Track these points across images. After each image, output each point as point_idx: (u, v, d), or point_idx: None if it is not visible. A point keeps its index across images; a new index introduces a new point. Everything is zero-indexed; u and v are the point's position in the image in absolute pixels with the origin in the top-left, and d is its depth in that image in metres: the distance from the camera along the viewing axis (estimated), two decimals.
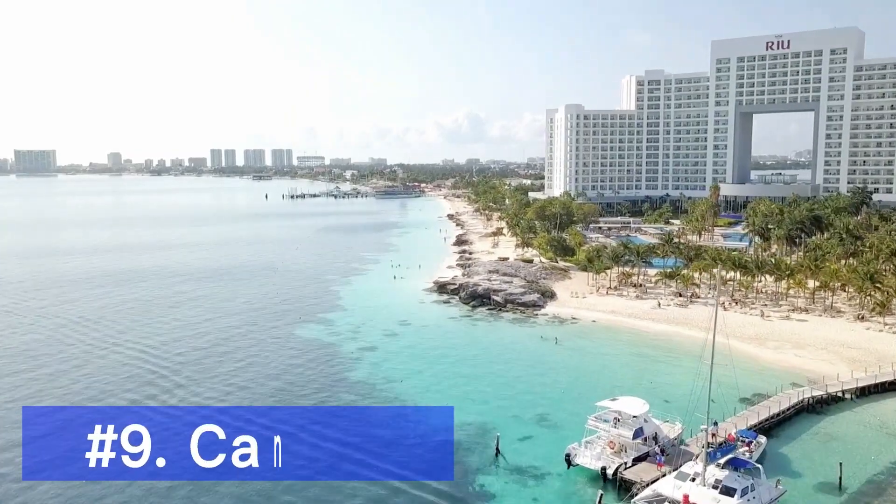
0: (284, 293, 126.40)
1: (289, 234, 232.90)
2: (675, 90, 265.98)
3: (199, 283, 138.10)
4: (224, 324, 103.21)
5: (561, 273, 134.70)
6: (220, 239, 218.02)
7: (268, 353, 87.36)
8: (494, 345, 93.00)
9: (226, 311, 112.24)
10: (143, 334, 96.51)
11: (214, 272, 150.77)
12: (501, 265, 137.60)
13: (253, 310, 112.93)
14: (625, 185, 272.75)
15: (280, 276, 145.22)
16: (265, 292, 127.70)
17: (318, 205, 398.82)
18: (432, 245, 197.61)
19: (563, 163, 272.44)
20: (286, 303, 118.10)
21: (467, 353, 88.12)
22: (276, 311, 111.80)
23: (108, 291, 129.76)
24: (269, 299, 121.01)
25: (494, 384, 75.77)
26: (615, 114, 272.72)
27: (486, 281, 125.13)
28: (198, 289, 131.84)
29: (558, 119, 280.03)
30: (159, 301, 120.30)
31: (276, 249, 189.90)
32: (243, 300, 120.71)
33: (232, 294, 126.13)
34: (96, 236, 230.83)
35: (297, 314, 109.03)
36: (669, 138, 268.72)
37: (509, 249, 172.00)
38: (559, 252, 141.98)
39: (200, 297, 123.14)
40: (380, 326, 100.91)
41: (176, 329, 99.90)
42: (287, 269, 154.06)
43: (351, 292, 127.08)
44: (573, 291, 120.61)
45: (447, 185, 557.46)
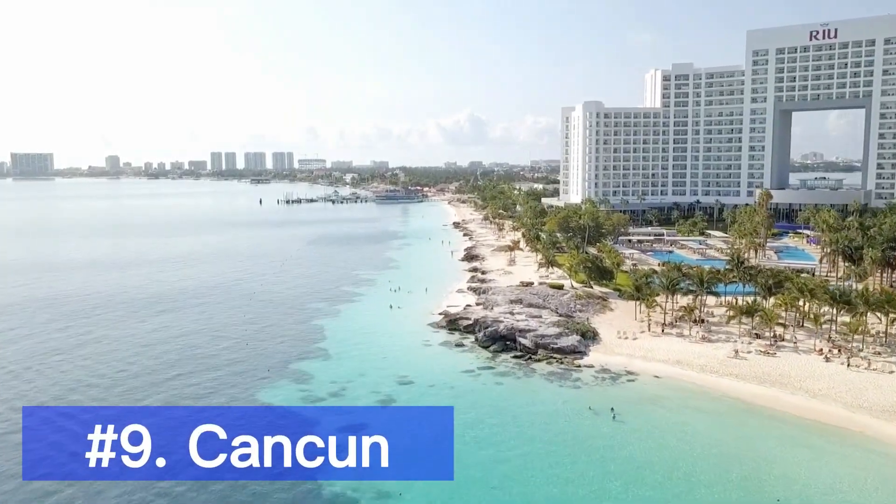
0: (255, 331, 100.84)
1: (277, 246, 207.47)
2: (705, 85, 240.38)
3: (147, 315, 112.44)
4: (149, 384, 77.76)
5: (599, 303, 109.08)
6: (196, 252, 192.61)
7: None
8: (527, 419, 67.43)
9: (165, 362, 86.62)
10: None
11: (174, 299, 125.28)
12: (525, 292, 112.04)
13: (206, 357, 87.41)
14: (649, 190, 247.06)
15: (255, 304, 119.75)
16: (230, 329, 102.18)
17: (315, 211, 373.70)
18: (438, 260, 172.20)
19: (582, 166, 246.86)
20: (254, 346, 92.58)
21: (492, 435, 62.68)
22: (239, 360, 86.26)
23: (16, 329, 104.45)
24: (232, 340, 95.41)
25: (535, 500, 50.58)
26: (638, 112, 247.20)
27: (508, 315, 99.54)
28: (139, 324, 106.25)
29: (575, 118, 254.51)
30: (65, 343, 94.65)
31: (258, 266, 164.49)
32: (197, 343, 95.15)
33: (184, 334, 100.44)
34: (56, 247, 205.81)
35: (266, 366, 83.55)
36: (699, 139, 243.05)
37: (529, 267, 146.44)
38: (594, 275, 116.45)
39: (130, 339, 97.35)
40: (371, 387, 75.53)
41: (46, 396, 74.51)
42: (266, 294, 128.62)
43: (338, 329, 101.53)
44: (620, 331, 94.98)
45: (451, 189, 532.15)
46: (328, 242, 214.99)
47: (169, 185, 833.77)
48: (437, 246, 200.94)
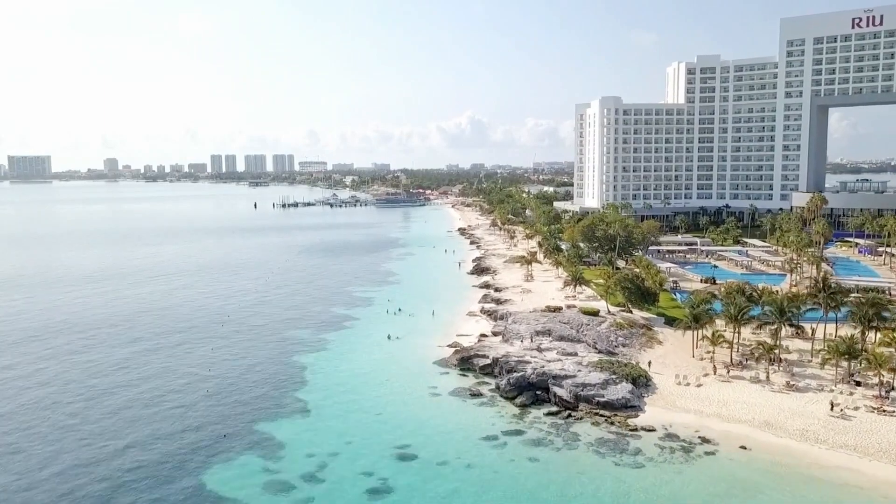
0: (219, 373, 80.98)
1: (265, 256, 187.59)
2: (733, 79, 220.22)
3: (96, 351, 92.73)
4: (68, 453, 58.12)
5: (645, 333, 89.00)
6: (173, 264, 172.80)
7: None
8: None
9: (95, 430, 66.97)
10: None
11: (131, 327, 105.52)
12: (553, 321, 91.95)
13: (149, 417, 67.59)
14: (672, 193, 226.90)
15: (227, 334, 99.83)
16: (189, 372, 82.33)
17: (311, 215, 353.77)
18: (443, 274, 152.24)
19: (599, 167, 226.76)
20: (214, 396, 72.66)
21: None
22: (191, 419, 66.36)
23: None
24: (187, 389, 75.48)
25: None
26: (660, 108, 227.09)
27: (535, 353, 79.56)
28: (82, 366, 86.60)
29: (591, 115, 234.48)
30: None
31: (239, 282, 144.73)
32: (143, 397, 75.34)
33: (130, 382, 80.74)
34: (27, 258, 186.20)
35: (224, 428, 63.68)
36: (727, 137, 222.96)
37: (550, 284, 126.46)
38: (634, 297, 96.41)
39: (68, 390, 77.80)
40: (361, 465, 55.64)
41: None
42: (241, 319, 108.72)
43: (322, 370, 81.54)
44: (679, 374, 74.80)
45: (454, 191, 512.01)
46: (322, 252, 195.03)
47: (166, 188, 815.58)
48: (443, 256, 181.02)
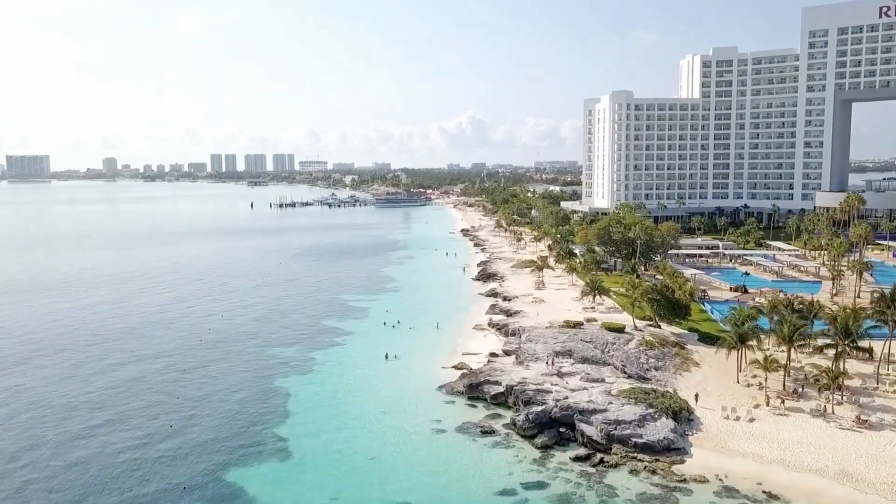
0: (188, 401, 69.82)
1: (255, 260, 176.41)
2: (751, 72, 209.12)
3: (56, 371, 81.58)
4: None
5: (678, 353, 77.71)
6: (159, 269, 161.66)
7: None
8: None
9: (38, 480, 55.83)
10: None
11: (102, 341, 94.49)
12: (574, 338, 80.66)
13: (92, 449, 56.45)
14: (686, 193, 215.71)
15: (203, 350, 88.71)
16: (156, 399, 71.17)
17: (308, 216, 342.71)
18: (447, 280, 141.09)
19: (609, 165, 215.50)
20: (179, 432, 61.50)
21: None
22: (149, 465, 55.16)
23: None
24: (150, 420, 64.31)
25: None
26: (674, 103, 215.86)
27: (555, 380, 68.37)
28: (40, 390, 75.46)
29: (600, 111, 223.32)
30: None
31: (225, 290, 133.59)
32: (100, 430, 64.21)
33: (91, 411, 69.59)
34: (2, 261, 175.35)
35: (185, 473, 52.55)
36: (744, 133, 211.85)
37: (564, 293, 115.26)
38: (664, 311, 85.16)
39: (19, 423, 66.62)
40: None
41: None
42: (222, 333, 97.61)
43: (307, 400, 70.30)
44: (727, 406, 63.49)
45: (456, 191, 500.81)
46: (316, 255, 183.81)
47: (164, 187, 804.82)
48: (445, 260, 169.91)
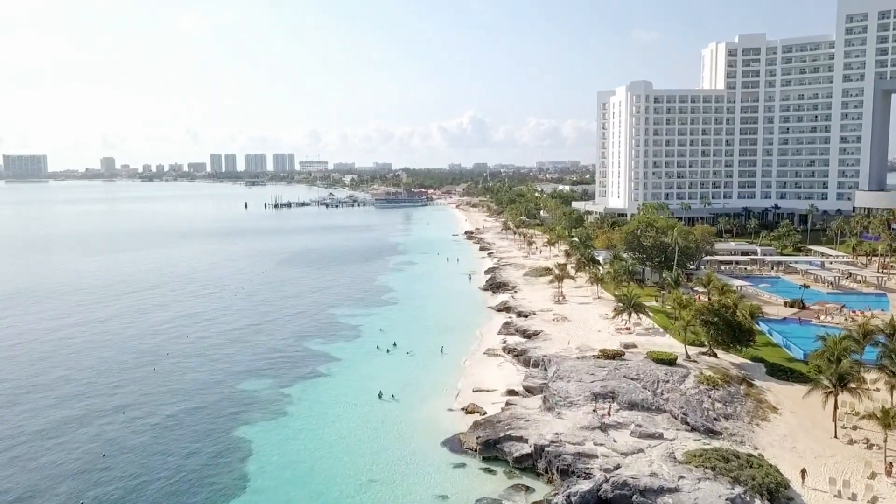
0: (116, 459, 53.39)
1: (239, 266, 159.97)
2: (781, 61, 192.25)
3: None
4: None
5: (748, 393, 61.03)
6: (131, 277, 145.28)
7: None
8: None
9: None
10: None
11: (29, 378, 78.01)
12: (615, 373, 63.91)
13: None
14: (710, 192, 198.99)
15: (154, 383, 72.30)
16: (74, 446, 54.74)
17: (305, 216, 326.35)
18: (451, 290, 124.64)
19: (626, 162, 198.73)
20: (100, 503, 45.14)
21: None
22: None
23: None
24: (57, 485, 47.81)
25: None
26: (697, 95, 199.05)
27: (600, 438, 51.84)
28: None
29: (616, 104, 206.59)
30: None
31: (198, 302, 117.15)
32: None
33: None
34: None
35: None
36: (773, 128, 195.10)
37: (588, 307, 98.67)
38: (724, 337, 68.53)
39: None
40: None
41: None
42: (179, 363, 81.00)
43: (272, 462, 53.67)
44: (838, 480, 46.86)
45: (458, 191, 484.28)
46: (307, 261, 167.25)
47: (161, 187, 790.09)
48: (448, 266, 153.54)
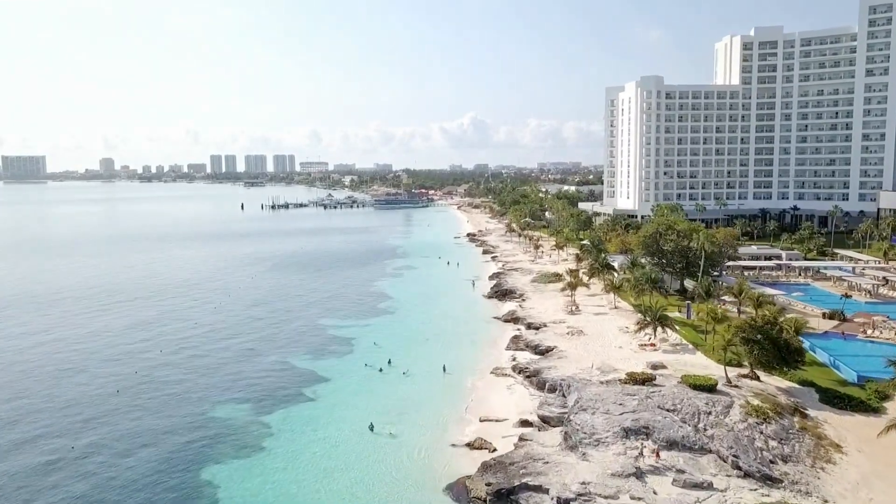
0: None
1: (227, 272, 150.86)
2: (800, 55, 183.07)
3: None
4: None
5: (804, 427, 51.72)
6: (109, 284, 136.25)
7: None
8: None
9: None
10: None
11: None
12: (647, 402, 54.56)
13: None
14: (724, 192, 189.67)
15: (113, 415, 63.12)
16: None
17: (302, 218, 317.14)
18: (454, 298, 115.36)
19: (636, 162, 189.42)
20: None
21: None
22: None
23: None
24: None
25: None
26: (711, 90, 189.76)
27: (637, 489, 42.51)
28: None
29: (625, 101, 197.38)
30: None
31: (176, 314, 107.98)
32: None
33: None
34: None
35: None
36: (791, 125, 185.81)
37: (606, 317, 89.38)
38: (771, 357, 59.27)
39: None
40: None
41: None
42: (147, 384, 71.81)
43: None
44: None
45: (460, 191, 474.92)
46: (300, 265, 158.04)
47: (160, 188, 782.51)
48: (451, 271, 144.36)
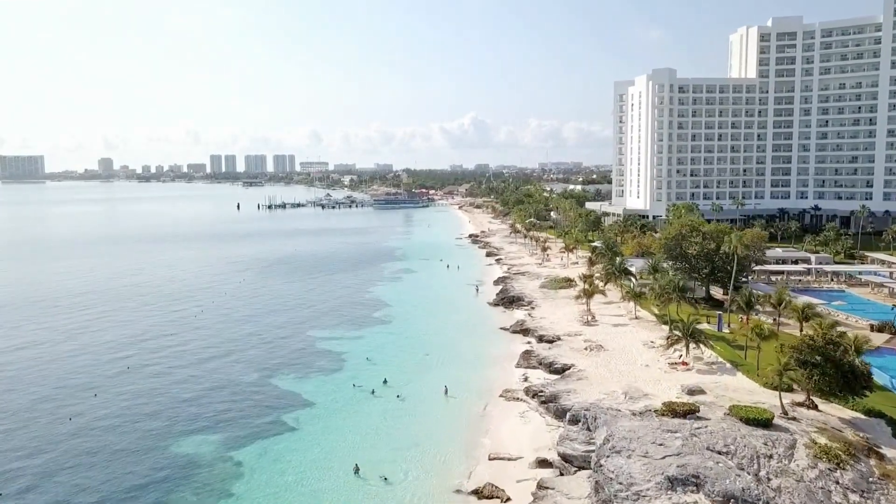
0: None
1: (215, 275, 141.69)
2: (820, 47, 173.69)
3: None
4: None
5: (883, 471, 42.35)
6: (81, 289, 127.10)
7: None
8: None
9: None
10: None
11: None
12: (692, 441, 45.22)
13: None
14: (739, 192, 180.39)
15: (58, 453, 54.03)
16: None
17: (299, 218, 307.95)
18: (455, 304, 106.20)
19: (647, 159, 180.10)
20: None
21: None
22: None
23: None
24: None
25: None
26: (726, 84, 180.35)
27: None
28: None
29: (635, 95, 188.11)
30: None
31: (154, 321, 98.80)
32: None
33: None
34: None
35: None
36: (810, 120, 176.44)
37: (626, 329, 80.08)
38: (833, 384, 49.93)
39: None
40: None
41: None
42: (105, 410, 62.68)
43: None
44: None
45: (461, 191, 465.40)
46: (292, 269, 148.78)
47: (158, 188, 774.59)
48: (450, 275, 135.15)
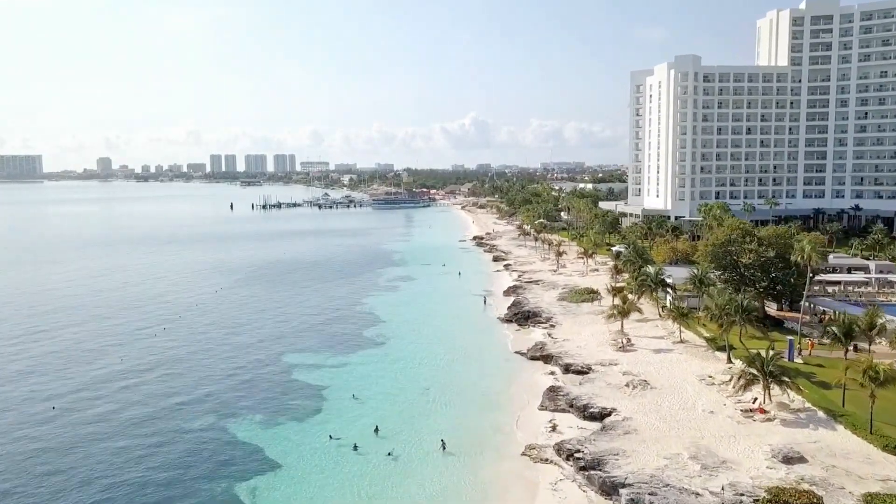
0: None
1: (189, 283, 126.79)
2: (859, 31, 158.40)
3: None
4: None
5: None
6: (41, 302, 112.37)
7: None
8: None
9: None
10: None
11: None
12: None
13: None
14: (769, 189, 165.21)
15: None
16: None
17: (294, 218, 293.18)
18: (459, 321, 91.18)
19: (669, 154, 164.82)
20: None
21: None
22: None
23: None
24: None
25: None
26: (755, 72, 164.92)
27: None
28: None
29: (654, 86, 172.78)
30: None
31: (105, 342, 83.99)
32: None
33: None
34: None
35: None
36: (848, 112, 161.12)
37: (671, 358, 65.08)
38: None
39: None
40: None
41: None
42: (17, 461, 47.81)
43: None
44: None
45: (463, 191, 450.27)
46: (278, 275, 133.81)
47: (156, 188, 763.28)
48: (457, 282, 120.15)
